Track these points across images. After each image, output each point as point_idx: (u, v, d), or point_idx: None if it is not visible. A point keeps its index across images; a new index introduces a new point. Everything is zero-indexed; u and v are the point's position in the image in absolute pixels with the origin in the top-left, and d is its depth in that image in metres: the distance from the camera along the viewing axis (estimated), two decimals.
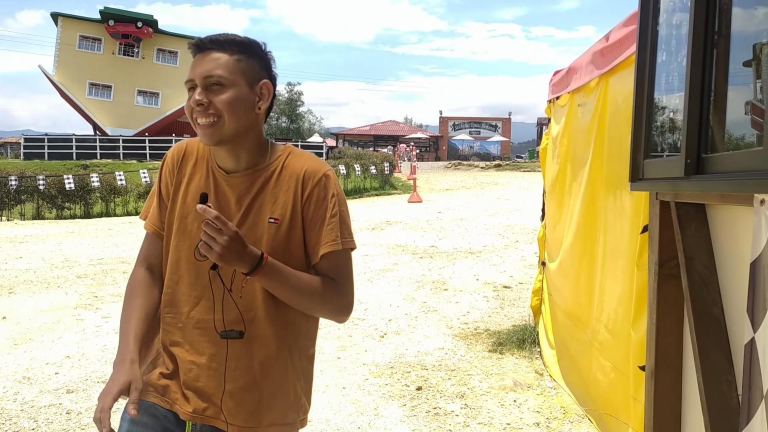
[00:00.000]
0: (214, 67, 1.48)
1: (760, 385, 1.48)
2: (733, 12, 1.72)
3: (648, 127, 2.19)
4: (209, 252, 1.38)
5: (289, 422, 1.62)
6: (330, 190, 1.58)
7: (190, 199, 1.58)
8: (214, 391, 1.54)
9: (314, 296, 1.54)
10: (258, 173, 1.57)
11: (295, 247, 1.56)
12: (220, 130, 1.48)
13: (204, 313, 1.54)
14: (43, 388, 4.36)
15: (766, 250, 1.45)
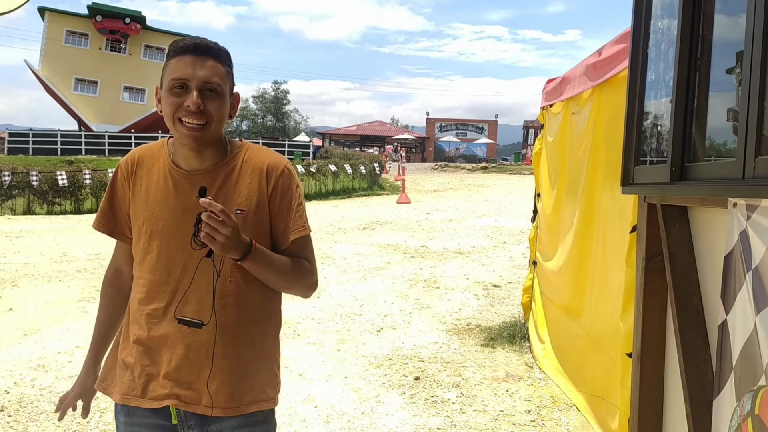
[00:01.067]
0: (212, 75, 1.56)
1: (730, 359, 1.75)
2: (714, 37, 1.99)
3: (638, 137, 2.47)
4: (212, 242, 1.46)
5: (267, 398, 1.70)
6: (293, 181, 1.70)
7: (152, 201, 1.65)
8: (195, 379, 1.61)
9: (291, 275, 1.66)
10: (219, 169, 1.64)
11: (262, 234, 1.64)
12: (207, 134, 1.57)
13: (182, 307, 1.61)
14: (59, 375, 4.56)
15: (737, 245, 1.73)
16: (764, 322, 1.59)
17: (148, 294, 1.65)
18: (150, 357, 1.64)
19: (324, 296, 7.26)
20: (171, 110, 1.56)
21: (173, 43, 1.61)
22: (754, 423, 1.64)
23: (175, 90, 1.55)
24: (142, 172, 1.69)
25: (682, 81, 2.03)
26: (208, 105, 1.55)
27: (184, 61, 1.55)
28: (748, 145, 1.60)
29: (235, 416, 1.64)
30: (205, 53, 1.57)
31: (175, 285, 1.62)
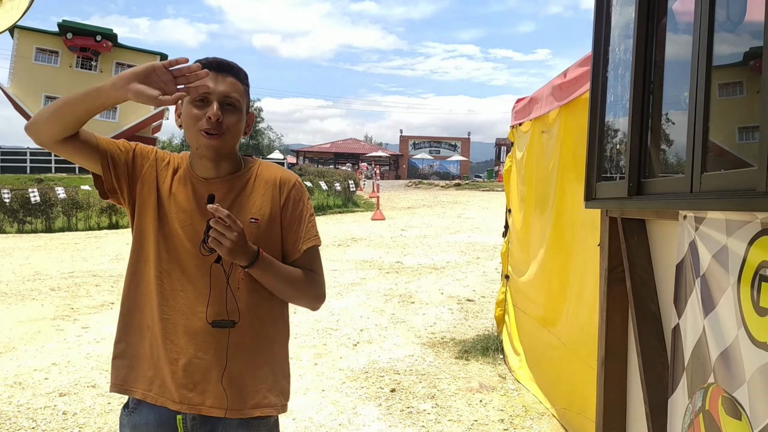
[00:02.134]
0: (232, 91, 1.67)
1: (683, 360, 1.89)
2: (666, 62, 2.16)
3: (599, 155, 2.63)
4: (219, 247, 1.54)
5: (270, 405, 1.74)
6: (304, 194, 1.81)
7: (171, 201, 1.71)
8: (200, 380, 1.66)
9: (298, 285, 1.73)
10: (235, 179, 1.73)
11: (273, 243, 1.72)
12: (223, 144, 1.67)
13: (191, 306, 1.66)
14: (36, 392, 4.56)
15: (687, 254, 1.88)
16: (711, 324, 1.74)
17: (162, 295, 1.68)
18: (158, 360, 1.69)
19: (300, 312, 7.32)
20: (192, 121, 1.65)
21: (196, 61, 1.68)
22: (705, 418, 1.78)
23: (197, 103, 1.65)
24: (168, 171, 1.76)
25: (637, 103, 2.19)
26: (226, 118, 1.65)
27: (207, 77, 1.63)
28: (695, 162, 1.76)
29: (242, 423, 1.70)
30: (226, 70, 1.68)
31: (186, 285, 1.67)
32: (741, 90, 1.76)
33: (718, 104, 1.76)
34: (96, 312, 7.23)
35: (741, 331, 1.57)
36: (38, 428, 3.94)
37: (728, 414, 1.63)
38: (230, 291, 1.66)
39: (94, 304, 7.62)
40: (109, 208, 19.26)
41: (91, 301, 7.76)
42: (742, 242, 1.58)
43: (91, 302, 7.71)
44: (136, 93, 1.49)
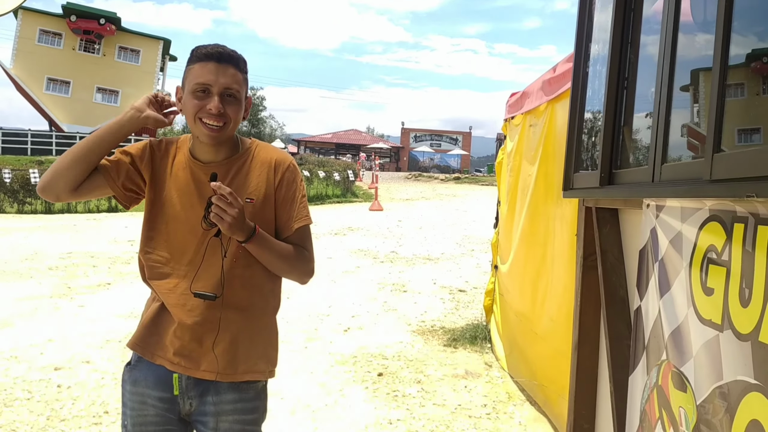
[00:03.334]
0: (233, 82, 1.74)
1: (643, 339, 2.01)
2: (639, 60, 2.27)
3: (577, 147, 2.74)
4: (221, 222, 1.64)
5: (260, 370, 1.87)
6: (298, 175, 1.90)
7: (172, 186, 1.81)
8: (196, 347, 1.78)
9: (290, 260, 1.83)
10: (232, 162, 1.83)
11: (267, 221, 1.82)
12: (224, 133, 1.76)
13: (189, 283, 1.78)
14: (32, 366, 4.69)
15: (649, 240, 1.99)
16: (666, 304, 1.86)
17: (164, 269, 1.81)
18: (161, 326, 1.82)
19: (294, 297, 7.44)
20: (193, 111, 1.73)
21: (196, 48, 1.77)
22: (658, 392, 1.90)
23: (198, 93, 1.72)
24: (167, 159, 1.86)
25: (611, 97, 2.30)
26: (227, 109, 1.73)
27: (208, 68, 1.72)
28: (657, 154, 1.88)
29: (232, 387, 1.82)
30: (227, 61, 1.74)
31: (188, 263, 1.79)
32: (697, 89, 1.87)
33: (685, 99, 1.87)
34: (92, 292, 7.36)
35: (690, 309, 1.69)
36: (33, 399, 4.07)
37: (676, 387, 1.75)
38: (222, 265, 1.76)
39: (90, 284, 7.74)
40: None
41: (87, 281, 7.88)
42: (694, 228, 1.69)
43: (88, 282, 7.84)
44: (154, 119, 1.80)
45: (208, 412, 1.82)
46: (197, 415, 1.83)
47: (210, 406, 1.82)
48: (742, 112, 1.61)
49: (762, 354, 1.35)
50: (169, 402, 1.82)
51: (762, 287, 1.37)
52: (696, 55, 1.90)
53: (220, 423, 1.82)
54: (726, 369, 1.50)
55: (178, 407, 1.82)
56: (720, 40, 1.48)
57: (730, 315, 1.49)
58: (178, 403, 1.82)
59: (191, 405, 1.82)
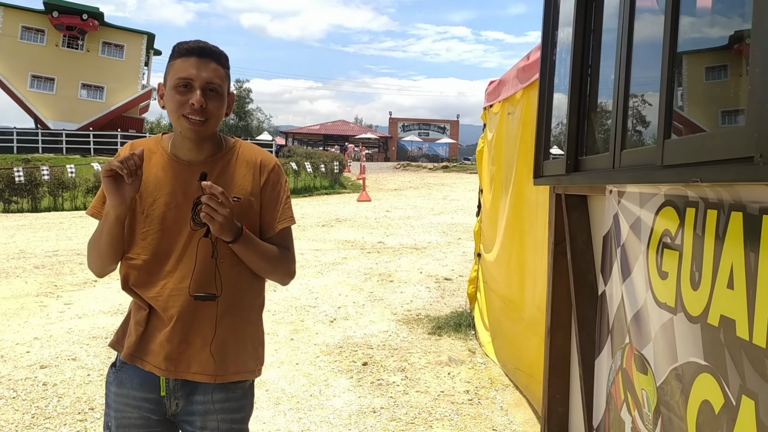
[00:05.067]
0: (214, 77, 1.72)
1: (608, 323, 2.05)
2: (602, 48, 2.30)
3: (547, 134, 2.76)
4: (211, 222, 1.63)
5: (249, 369, 1.87)
6: (282, 176, 1.90)
7: (152, 189, 1.78)
8: (186, 348, 1.76)
9: (273, 261, 1.83)
10: (216, 160, 1.81)
11: (251, 221, 1.81)
12: (207, 129, 1.74)
13: (178, 282, 1.75)
14: (17, 365, 4.69)
15: (612, 226, 2.03)
16: (628, 288, 1.89)
17: (149, 274, 1.78)
18: (148, 335, 1.79)
19: (280, 289, 7.46)
20: (176, 106, 1.71)
21: (178, 44, 1.75)
22: (623, 375, 1.94)
23: (180, 89, 1.70)
24: (145, 161, 1.78)
25: (575, 84, 2.32)
26: (209, 104, 1.71)
27: (190, 63, 1.70)
28: (617, 141, 1.90)
29: (220, 387, 1.81)
30: (208, 56, 1.73)
31: (174, 264, 1.76)
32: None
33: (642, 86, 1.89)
34: (79, 289, 7.35)
35: (648, 293, 1.72)
36: (18, 398, 4.08)
37: (638, 370, 1.79)
38: (216, 265, 1.76)
39: (77, 282, 7.73)
40: (96, 188, 19.25)
41: (74, 279, 7.86)
42: (651, 213, 1.72)
43: (75, 280, 7.82)
44: (130, 196, 1.69)
45: (195, 411, 1.81)
46: (183, 414, 1.82)
47: (197, 405, 1.81)
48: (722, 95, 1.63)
49: (710, 336, 1.38)
50: (155, 403, 1.80)
51: (710, 270, 1.40)
52: (657, 41, 1.92)
53: (207, 422, 1.81)
54: (680, 351, 1.54)
55: (164, 408, 1.81)
56: (668, 29, 1.51)
57: (682, 298, 1.53)
58: (164, 404, 1.81)
59: (177, 405, 1.81)
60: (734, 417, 1.28)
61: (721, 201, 1.36)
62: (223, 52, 1.79)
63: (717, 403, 1.36)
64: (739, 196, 1.28)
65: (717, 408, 1.36)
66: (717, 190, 1.36)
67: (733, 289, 1.30)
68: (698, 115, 1.71)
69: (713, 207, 1.40)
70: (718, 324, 1.35)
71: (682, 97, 1.73)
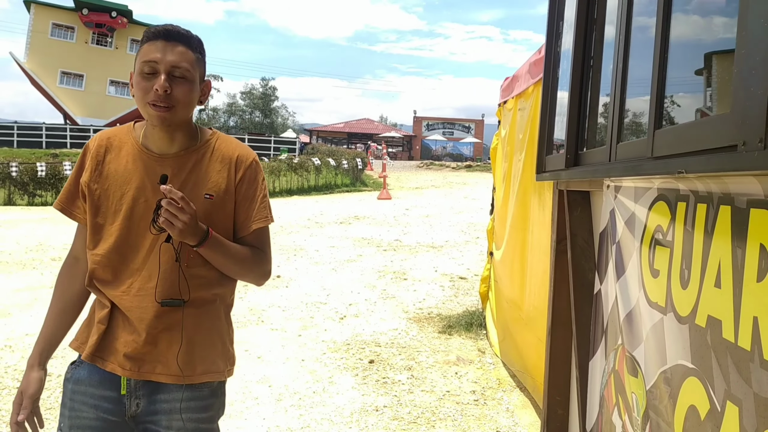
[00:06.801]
0: (182, 60, 1.61)
1: (602, 324, 1.97)
2: (604, 42, 2.21)
3: (550, 128, 2.68)
4: (171, 228, 1.54)
5: (218, 370, 1.78)
6: (259, 173, 1.79)
7: (121, 182, 1.70)
8: (151, 349, 1.68)
9: (245, 263, 1.74)
10: (189, 155, 1.71)
11: (226, 218, 1.73)
12: (174, 116, 1.63)
13: (145, 281, 1.67)
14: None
15: (609, 222, 1.94)
16: (622, 287, 1.81)
17: (114, 272, 1.70)
18: (111, 334, 1.71)
19: (292, 286, 7.45)
20: (141, 93, 1.61)
21: (147, 29, 1.66)
22: (615, 377, 1.86)
23: (145, 74, 1.61)
24: (111, 156, 1.74)
25: (576, 78, 2.24)
26: (175, 89, 1.61)
27: (156, 46, 1.61)
28: (613, 134, 1.82)
29: (186, 387, 1.72)
30: (175, 39, 1.63)
31: (142, 262, 1.68)
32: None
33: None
34: None
35: (641, 293, 1.64)
36: None
37: (629, 372, 1.71)
38: (181, 270, 1.67)
39: None
40: None
41: None
42: (645, 208, 1.64)
43: None
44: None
45: (159, 410, 1.72)
46: (146, 415, 1.72)
47: (161, 404, 1.72)
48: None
49: (698, 337, 1.31)
50: (114, 402, 1.71)
51: (699, 268, 1.32)
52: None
53: (172, 422, 1.72)
54: (669, 353, 1.46)
55: (124, 408, 1.71)
56: (660, 21, 1.43)
57: (672, 297, 1.45)
58: (124, 403, 1.71)
59: (138, 405, 1.71)
60: (719, 424, 1.20)
61: (710, 194, 1.28)
62: (194, 36, 1.69)
63: (703, 409, 1.28)
64: (728, 189, 1.20)
65: (703, 414, 1.28)
66: (706, 183, 1.29)
67: (720, 288, 1.22)
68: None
69: (703, 201, 1.32)
70: (706, 325, 1.27)
71: (711, 98, 1.65)
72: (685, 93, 1.64)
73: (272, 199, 1.85)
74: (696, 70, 1.56)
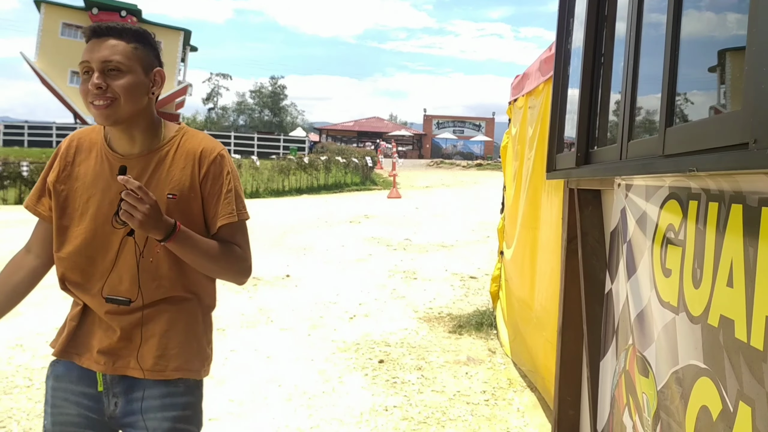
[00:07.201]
0: (111, 54, 1.57)
1: (613, 323, 1.95)
2: (615, 40, 2.19)
3: (560, 126, 2.67)
4: (130, 219, 1.49)
5: (193, 369, 1.75)
6: (225, 167, 1.72)
7: (89, 184, 1.69)
8: (126, 344, 1.68)
9: (219, 260, 1.69)
10: (152, 154, 1.67)
11: (195, 218, 1.69)
12: (117, 111, 1.59)
13: (115, 285, 1.66)
14: (36, 354, 4.76)
15: (620, 221, 1.93)
16: (633, 287, 1.80)
17: (82, 274, 1.69)
18: (85, 331, 1.72)
19: (302, 285, 7.46)
20: (83, 96, 1.60)
21: (86, 29, 1.62)
22: (626, 377, 1.85)
23: (84, 76, 1.59)
24: (81, 157, 1.73)
25: (586, 76, 2.23)
26: (111, 84, 1.57)
27: (88, 46, 1.59)
28: (624, 132, 1.81)
29: (160, 383, 1.71)
30: (104, 34, 1.59)
31: (108, 264, 1.67)
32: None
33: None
34: None
35: (653, 292, 1.63)
36: (33, 387, 4.13)
37: (640, 372, 1.70)
38: (138, 265, 1.65)
39: None
40: None
41: None
42: (656, 207, 1.63)
43: None
44: None
45: (135, 410, 1.70)
46: (124, 416, 1.71)
47: (137, 403, 1.70)
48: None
49: (710, 337, 1.29)
50: (93, 399, 1.71)
51: (711, 267, 1.31)
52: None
53: (149, 421, 1.69)
54: (681, 353, 1.44)
55: (102, 406, 1.71)
56: (671, 17, 1.42)
57: (684, 297, 1.43)
58: (102, 401, 1.71)
59: (116, 404, 1.71)
60: (731, 424, 1.19)
61: (722, 192, 1.27)
62: (127, 27, 1.63)
63: (715, 409, 1.26)
64: (740, 187, 1.19)
65: (715, 414, 1.26)
66: (718, 181, 1.27)
67: (732, 287, 1.21)
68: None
69: (714, 199, 1.30)
70: (718, 324, 1.26)
71: (725, 95, 1.63)
72: (698, 90, 1.63)
73: (281, 198, 1.84)
74: (709, 68, 1.54)
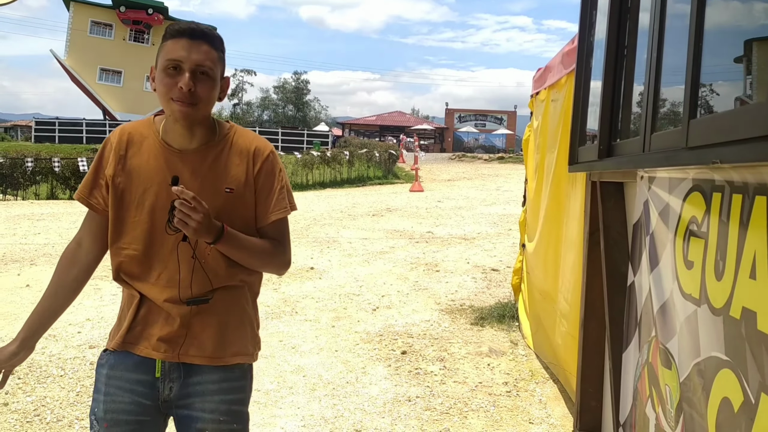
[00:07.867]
0: (205, 59, 1.66)
1: (636, 316, 1.96)
2: (638, 32, 2.18)
3: (583, 118, 2.66)
4: (185, 227, 1.59)
5: (248, 353, 1.85)
6: (277, 165, 1.83)
7: (144, 177, 1.74)
8: (185, 332, 1.74)
9: (263, 256, 1.80)
10: (210, 149, 1.75)
11: (247, 211, 1.78)
12: (197, 113, 1.68)
13: (172, 274, 1.73)
14: (68, 344, 4.88)
15: (642, 213, 1.93)
16: (655, 279, 1.80)
17: (140, 264, 1.75)
18: (143, 321, 1.76)
19: (326, 277, 7.52)
20: (165, 90, 1.65)
21: (170, 25, 1.70)
22: (649, 370, 1.85)
23: (170, 71, 1.65)
24: (133, 150, 1.78)
25: (609, 68, 2.22)
26: (198, 87, 1.65)
27: (180, 44, 1.64)
28: (647, 124, 1.80)
29: (217, 368, 1.78)
30: (200, 37, 1.66)
31: (167, 257, 1.73)
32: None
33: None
34: None
35: (675, 284, 1.63)
36: (66, 376, 4.24)
37: (663, 364, 1.70)
38: (201, 267, 1.73)
39: None
40: None
41: None
42: (679, 199, 1.63)
43: None
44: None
45: (192, 393, 1.77)
46: (179, 399, 1.77)
47: (194, 387, 1.77)
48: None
49: (732, 329, 1.30)
50: (149, 386, 1.76)
51: (734, 259, 1.31)
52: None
53: (205, 404, 1.77)
54: (703, 345, 1.45)
55: (157, 392, 1.76)
56: (695, 7, 1.41)
57: (706, 289, 1.44)
58: (157, 387, 1.76)
59: (171, 389, 1.76)
60: (753, 416, 1.19)
61: (746, 185, 1.26)
62: (217, 35, 1.73)
63: (737, 401, 1.27)
64: (764, 179, 1.19)
65: (736, 406, 1.27)
66: (742, 173, 1.27)
67: (755, 280, 1.21)
68: None
69: (738, 191, 1.30)
70: (740, 317, 1.26)
71: (751, 86, 1.62)
72: (723, 81, 1.62)
73: (305, 192, 1.90)
74: (734, 58, 1.54)
